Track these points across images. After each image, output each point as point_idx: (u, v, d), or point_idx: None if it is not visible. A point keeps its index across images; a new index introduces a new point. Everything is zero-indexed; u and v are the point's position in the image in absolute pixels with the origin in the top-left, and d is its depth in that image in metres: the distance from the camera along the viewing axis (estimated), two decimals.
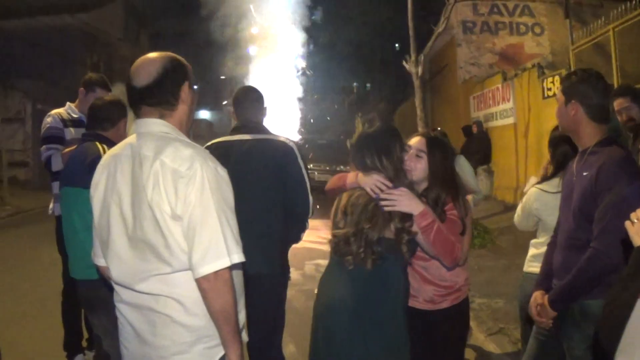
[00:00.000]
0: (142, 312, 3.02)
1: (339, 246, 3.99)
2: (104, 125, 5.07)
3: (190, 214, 2.86)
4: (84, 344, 6.56)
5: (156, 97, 3.09)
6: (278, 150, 5.12)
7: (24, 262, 12.01)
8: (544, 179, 5.19)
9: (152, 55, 3.18)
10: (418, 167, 4.32)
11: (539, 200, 5.11)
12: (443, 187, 4.29)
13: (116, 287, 3.15)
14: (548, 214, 4.98)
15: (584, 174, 3.87)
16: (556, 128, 5.26)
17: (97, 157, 4.55)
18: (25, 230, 16.51)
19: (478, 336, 7.47)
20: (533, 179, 5.45)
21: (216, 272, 2.84)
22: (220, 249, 2.87)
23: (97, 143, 4.87)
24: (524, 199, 5.29)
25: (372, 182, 3.96)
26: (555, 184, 5.00)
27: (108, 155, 3.25)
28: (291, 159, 5.13)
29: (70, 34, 29.32)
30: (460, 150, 19.24)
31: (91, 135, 5.07)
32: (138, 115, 3.16)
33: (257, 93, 5.45)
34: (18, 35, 27.52)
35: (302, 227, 5.37)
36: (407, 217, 3.89)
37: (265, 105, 5.46)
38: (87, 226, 3.32)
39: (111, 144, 4.73)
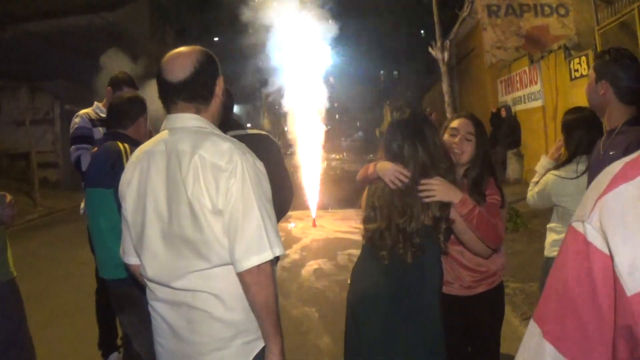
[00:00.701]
0: (179, 309, 3.01)
1: (373, 240, 3.93)
2: (123, 123, 5.04)
3: (232, 208, 2.86)
4: (119, 342, 6.58)
5: (193, 91, 3.07)
6: (260, 142, 5.04)
7: (57, 263, 12.16)
8: (559, 164, 5.12)
9: (185, 49, 3.16)
10: (468, 150, 4.39)
11: (555, 186, 5.04)
12: (484, 167, 4.36)
13: (151, 285, 3.13)
14: (566, 200, 4.97)
15: (611, 153, 3.83)
16: (569, 112, 5.27)
17: (119, 157, 4.66)
18: (57, 231, 16.70)
19: (512, 321, 7.43)
20: (543, 159, 5.42)
21: (259, 266, 2.85)
22: (263, 242, 2.87)
23: (118, 142, 4.85)
24: (540, 183, 5.21)
25: (390, 173, 3.92)
26: (571, 169, 4.95)
27: (140, 152, 3.21)
28: (271, 147, 5.12)
29: (96, 34, 29.46)
30: (490, 134, 19.19)
31: (112, 134, 5.06)
32: (169, 111, 3.14)
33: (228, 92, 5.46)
34: (45, 37, 27.71)
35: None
36: (445, 205, 3.84)
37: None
38: (112, 226, 3.35)
39: (132, 141, 4.84)
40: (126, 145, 4.79)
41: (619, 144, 3.79)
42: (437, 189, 3.85)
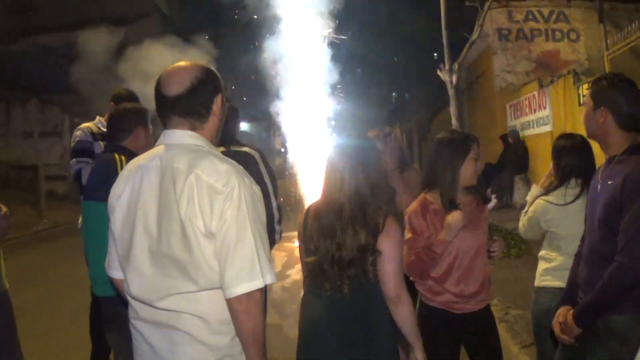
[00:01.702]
0: (162, 330, 2.94)
1: (313, 274, 3.93)
2: (119, 135, 4.98)
3: (226, 232, 2.79)
4: (112, 358, 6.42)
5: (187, 107, 3.01)
6: (242, 161, 5.03)
7: (58, 276, 12.22)
8: (548, 190, 5.06)
9: (185, 63, 3.11)
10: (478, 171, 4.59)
11: (545, 212, 4.98)
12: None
13: (133, 302, 3.05)
14: (556, 226, 4.91)
15: (609, 182, 3.73)
16: (560, 138, 5.17)
17: (114, 169, 4.57)
18: (61, 244, 16.75)
19: (512, 348, 7.39)
20: (534, 188, 5.35)
21: (249, 293, 2.80)
22: (254, 269, 2.81)
23: (116, 154, 4.80)
24: (530, 210, 5.15)
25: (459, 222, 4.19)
26: (560, 194, 4.91)
27: (133, 165, 3.13)
28: (252, 166, 5.14)
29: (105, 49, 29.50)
30: (498, 159, 19.10)
31: (110, 147, 5.02)
32: (166, 126, 3.08)
33: (233, 107, 5.44)
34: (55, 50, 27.79)
35: (272, 231, 5.21)
36: (372, 232, 3.77)
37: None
38: (104, 242, 3.27)
39: (131, 153, 4.72)
40: (123, 157, 4.72)
41: (618, 174, 3.68)
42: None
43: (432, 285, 4.55)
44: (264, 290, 2.95)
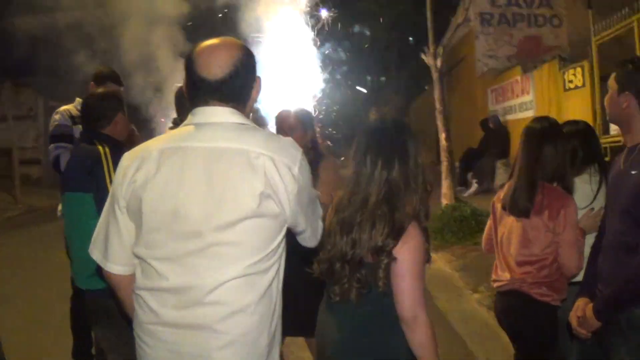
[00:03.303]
0: (194, 333, 2.66)
1: (325, 274, 3.47)
2: (99, 122, 4.72)
3: (305, 209, 2.84)
4: (94, 352, 6.16)
5: (230, 93, 2.78)
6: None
7: (35, 264, 11.85)
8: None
9: (225, 42, 2.85)
10: None
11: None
12: None
13: (157, 303, 2.70)
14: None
15: (632, 172, 3.57)
16: (565, 124, 5.05)
17: (98, 161, 4.39)
18: (37, 230, 16.36)
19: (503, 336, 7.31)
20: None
21: None
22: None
23: (98, 145, 4.57)
24: None
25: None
26: (584, 181, 4.78)
27: (164, 146, 2.78)
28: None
29: (82, 30, 29.14)
30: (479, 144, 19.09)
31: (89, 134, 4.76)
32: (197, 106, 2.83)
33: None
34: (29, 32, 27.38)
35: None
36: (394, 233, 3.23)
37: None
38: (90, 234, 3.04)
39: (111, 141, 4.59)
40: (107, 148, 4.51)
41: None
42: None
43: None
44: None
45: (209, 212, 2.63)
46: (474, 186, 18.73)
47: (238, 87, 2.80)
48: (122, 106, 4.89)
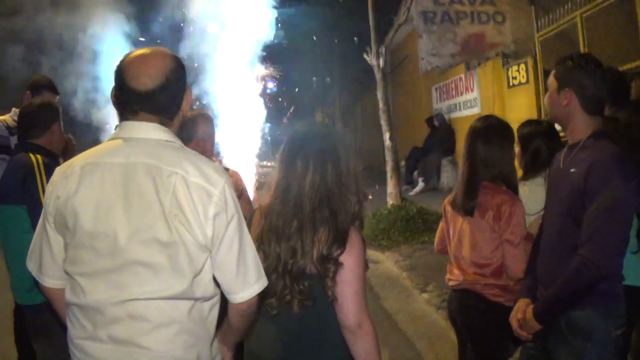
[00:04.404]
0: (120, 348, 2.62)
1: None
2: (34, 132, 4.63)
3: (229, 239, 2.67)
4: None
5: (158, 103, 2.72)
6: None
7: None
8: (523, 178, 4.86)
9: (155, 52, 2.79)
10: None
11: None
12: None
13: (85, 318, 2.67)
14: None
15: (572, 170, 3.54)
16: (524, 125, 4.98)
17: (30, 171, 4.28)
18: None
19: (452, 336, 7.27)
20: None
21: (256, 295, 2.80)
22: (260, 269, 2.81)
23: (30, 154, 4.46)
24: None
25: None
26: (538, 183, 4.71)
27: (86, 162, 2.74)
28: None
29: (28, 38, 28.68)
30: (424, 142, 19.17)
31: (23, 145, 4.64)
32: (126, 118, 2.78)
33: None
34: None
35: None
36: (339, 239, 3.12)
37: None
38: (24, 248, 2.91)
39: (45, 152, 4.46)
40: (39, 157, 4.41)
41: (582, 161, 3.49)
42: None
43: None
44: None
45: (127, 230, 2.60)
46: (420, 185, 18.85)
47: (168, 98, 2.77)
48: (59, 116, 4.81)
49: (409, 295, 9.89)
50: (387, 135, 16.34)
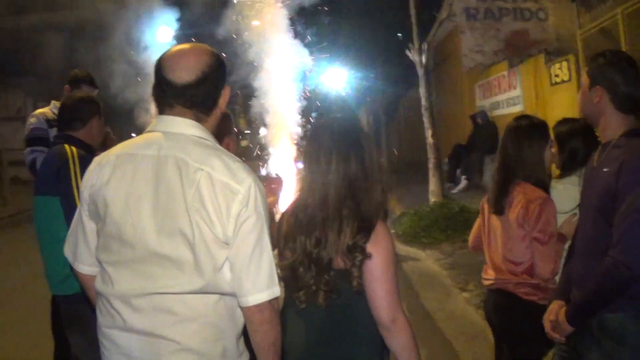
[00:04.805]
0: (145, 339, 2.66)
1: (287, 280, 3.25)
2: (73, 125, 4.68)
3: (246, 237, 2.62)
4: None
5: (194, 98, 2.76)
6: None
7: (20, 266, 11.72)
8: (559, 176, 4.83)
9: (195, 47, 2.86)
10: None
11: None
12: None
13: (111, 308, 2.72)
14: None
15: (605, 169, 3.43)
16: (561, 123, 4.96)
17: (65, 162, 4.31)
18: (24, 231, 16.08)
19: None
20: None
21: (270, 302, 2.67)
22: (273, 275, 2.69)
23: (66, 145, 4.51)
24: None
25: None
26: (573, 182, 4.65)
27: (121, 152, 2.81)
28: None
29: (71, 30, 29.02)
30: (467, 140, 19.03)
31: (62, 137, 4.70)
32: (163, 112, 2.82)
33: None
34: (19, 33, 27.25)
35: None
36: (364, 228, 3.09)
37: None
38: (58, 239, 2.99)
39: (83, 145, 4.51)
40: (74, 149, 4.44)
41: (614, 160, 3.39)
42: None
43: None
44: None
45: (153, 222, 2.64)
46: (463, 182, 18.72)
47: (204, 93, 2.78)
48: (99, 110, 4.85)
49: (449, 294, 9.78)
50: (429, 133, 16.29)
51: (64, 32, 28.38)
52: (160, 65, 2.79)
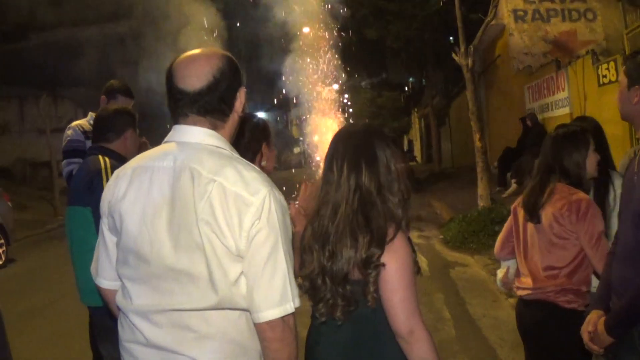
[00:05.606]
0: (163, 354, 2.60)
1: (309, 292, 3.19)
2: (107, 136, 4.70)
3: (257, 251, 2.51)
4: None
5: (207, 104, 2.67)
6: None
7: (67, 277, 11.81)
8: None
9: (204, 52, 2.77)
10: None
11: None
12: None
13: (130, 322, 2.69)
14: None
15: None
16: (571, 123, 4.87)
17: (98, 174, 4.33)
18: None
19: None
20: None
21: (283, 319, 2.53)
22: (286, 292, 2.54)
23: (100, 156, 4.54)
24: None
25: None
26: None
27: (138, 164, 2.75)
28: None
29: (117, 42, 29.34)
30: (517, 143, 18.84)
31: (96, 148, 4.73)
32: (177, 122, 2.74)
33: None
34: (67, 45, 27.68)
35: None
36: (377, 240, 3.00)
37: None
38: (88, 249, 3.00)
39: (117, 156, 4.51)
40: (107, 160, 4.46)
41: None
42: None
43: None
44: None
45: (170, 235, 2.56)
46: (513, 186, 18.50)
47: (217, 98, 2.69)
48: (134, 122, 4.86)
49: (495, 300, 9.69)
50: (477, 137, 16.16)
51: (112, 43, 28.78)
52: (170, 73, 2.72)
